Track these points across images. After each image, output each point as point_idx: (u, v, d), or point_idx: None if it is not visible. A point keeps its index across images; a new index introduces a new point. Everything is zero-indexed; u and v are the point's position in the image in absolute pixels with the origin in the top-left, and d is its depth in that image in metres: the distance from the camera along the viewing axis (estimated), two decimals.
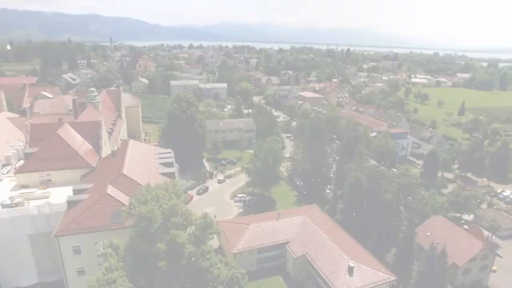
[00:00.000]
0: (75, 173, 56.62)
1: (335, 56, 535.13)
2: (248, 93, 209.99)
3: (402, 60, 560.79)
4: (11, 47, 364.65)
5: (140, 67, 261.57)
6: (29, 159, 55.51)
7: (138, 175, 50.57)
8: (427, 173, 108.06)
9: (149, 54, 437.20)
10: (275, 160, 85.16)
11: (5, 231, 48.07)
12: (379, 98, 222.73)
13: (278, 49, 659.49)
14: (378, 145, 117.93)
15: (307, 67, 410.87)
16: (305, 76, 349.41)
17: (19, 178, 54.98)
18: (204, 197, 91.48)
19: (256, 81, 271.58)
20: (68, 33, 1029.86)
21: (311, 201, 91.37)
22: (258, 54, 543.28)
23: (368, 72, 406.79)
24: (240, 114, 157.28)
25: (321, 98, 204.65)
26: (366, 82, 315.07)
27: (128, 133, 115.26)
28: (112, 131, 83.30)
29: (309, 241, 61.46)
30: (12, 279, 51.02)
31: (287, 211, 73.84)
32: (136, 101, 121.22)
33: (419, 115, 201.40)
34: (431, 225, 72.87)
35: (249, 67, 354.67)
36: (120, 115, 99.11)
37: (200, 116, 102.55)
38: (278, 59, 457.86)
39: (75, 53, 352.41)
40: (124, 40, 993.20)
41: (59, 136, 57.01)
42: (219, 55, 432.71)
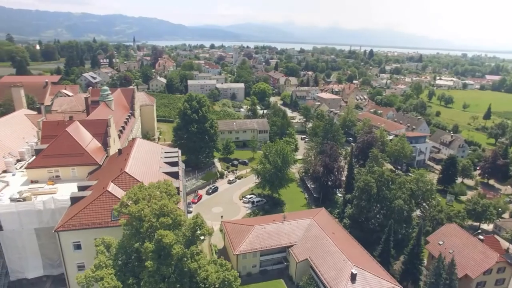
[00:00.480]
0: (82, 169, 57.81)
1: (358, 57, 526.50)
2: (265, 93, 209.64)
3: (427, 61, 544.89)
4: (40, 47, 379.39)
5: (159, 66, 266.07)
6: (39, 155, 57.13)
7: (141, 173, 51.02)
8: (445, 179, 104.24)
9: (170, 54, 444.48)
10: (285, 161, 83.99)
11: (13, 224, 49.52)
12: (399, 101, 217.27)
13: (300, 50, 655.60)
14: (394, 148, 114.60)
15: (328, 68, 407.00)
16: (325, 77, 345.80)
17: (29, 173, 56.66)
18: (213, 197, 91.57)
19: (275, 82, 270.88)
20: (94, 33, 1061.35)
21: (321, 204, 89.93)
22: (279, 55, 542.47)
23: (391, 73, 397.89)
24: (254, 114, 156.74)
25: (339, 100, 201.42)
26: (388, 84, 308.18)
27: (142, 132, 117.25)
28: (123, 129, 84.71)
29: (313, 245, 60.19)
30: (20, 270, 52.56)
31: (293, 213, 72.74)
32: (151, 100, 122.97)
33: (441, 119, 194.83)
34: (444, 234, 69.76)
35: (269, 67, 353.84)
36: (134, 114, 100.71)
37: (212, 116, 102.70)
38: (299, 60, 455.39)
39: (98, 52, 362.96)
40: (148, 40, 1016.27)
41: (68, 133, 58.39)
42: (239, 55, 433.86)
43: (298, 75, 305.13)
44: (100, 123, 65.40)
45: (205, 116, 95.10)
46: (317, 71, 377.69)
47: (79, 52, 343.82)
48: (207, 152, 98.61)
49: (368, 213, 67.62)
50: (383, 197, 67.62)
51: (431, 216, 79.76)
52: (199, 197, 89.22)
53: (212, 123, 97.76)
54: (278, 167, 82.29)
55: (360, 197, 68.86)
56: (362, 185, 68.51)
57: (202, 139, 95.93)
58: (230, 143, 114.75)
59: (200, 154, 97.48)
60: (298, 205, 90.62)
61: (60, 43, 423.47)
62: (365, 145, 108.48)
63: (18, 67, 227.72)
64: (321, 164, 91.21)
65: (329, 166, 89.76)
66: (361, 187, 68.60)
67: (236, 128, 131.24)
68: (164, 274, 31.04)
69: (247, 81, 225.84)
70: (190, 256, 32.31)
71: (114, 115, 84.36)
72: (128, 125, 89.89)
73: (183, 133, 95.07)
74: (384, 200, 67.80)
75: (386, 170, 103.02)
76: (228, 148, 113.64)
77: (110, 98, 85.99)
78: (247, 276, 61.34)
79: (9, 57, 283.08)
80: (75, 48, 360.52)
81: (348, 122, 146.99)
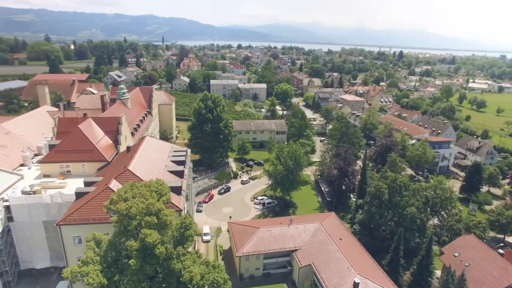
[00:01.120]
0: (92, 166, 59.40)
1: (386, 59, 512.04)
2: (287, 94, 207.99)
3: (461, 63, 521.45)
4: (74, 47, 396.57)
5: (184, 66, 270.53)
6: (52, 150, 59.24)
7: (144, 171, 51.62)
8: (468, 186, 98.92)
9: (197, 54, 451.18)
10: (297, 164, 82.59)
11: (23, 216, 51.65)
12: (427, 104, 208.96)
13: (327, 51, 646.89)
14: (415, 153, 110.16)
15: (355, 69, 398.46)
16: (351, 79, 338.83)
17: (42, 167, 58.92)
18: (225, 197, 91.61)
19: (298, 83, 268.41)
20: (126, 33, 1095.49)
21: (334, 208, 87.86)
22: (306, 56, 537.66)
23: (421, 76, 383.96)
24: (274, 115, 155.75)
25: (363, 102, 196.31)
26: (416, 87, 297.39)
27: (160, 130, 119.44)
28: (138, 127, 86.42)
29: (318, 251, 58.62)
30: (29, 261, 54.74)
31: (301, 217, 71.39)
32: (170, 99, 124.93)
33: (471, 123, 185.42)
34: (461, 245, 65.86)
35: (294, 68, 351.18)
36: (151, 112, 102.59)
37: (228, 115, 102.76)
38: (326, 61, 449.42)
39: (127, 51, 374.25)
40: (177, 40, 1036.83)
41: (80, 130, 60.20)
42: (264, 56, 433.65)
43: (323, 76, 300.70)
44: (112, 120, 66.96)
45: (219, 116, 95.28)
46: (343, 72, 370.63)
47: (109, 51, 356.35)
48: (220, 152, 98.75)
49: (379, 220, 65.09)
50: (395, 204, 64.86)
51: (448, 225, 75.83)
52: (211, 196, 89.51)
53: (226, 123, 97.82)
54: (289, 169, 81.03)
55: (371, 203, 66.45)
56: (373, 190, 66.08)
57: (216, 139, 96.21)
58: (246, 144, 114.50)
59: (214, 154, 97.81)
60: (310, 208, 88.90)
61: (93, 43, 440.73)
62: (383, 149, 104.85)
63: (51, 66, 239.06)
64: (335, 168, 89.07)
65: (343, 169, 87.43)
66: (372, 193, 66.18)
67: (253, 129, 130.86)
68: (148, 273, 30.98)
69: (270, 81, 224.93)
70: (175, 257, 32.09)
71: (129, 113, 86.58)
72: (143, 123, 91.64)
73: (197, 133, 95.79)
74: (396, 207, 65.03)
75: (405, 175, 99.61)
76: (243, 148, 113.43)
77: (126, 96, 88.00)
78: (249, 278, 60.76)
79: (45, 56, 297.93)
80: (105, 48, 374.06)
81: (369, 125, 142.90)
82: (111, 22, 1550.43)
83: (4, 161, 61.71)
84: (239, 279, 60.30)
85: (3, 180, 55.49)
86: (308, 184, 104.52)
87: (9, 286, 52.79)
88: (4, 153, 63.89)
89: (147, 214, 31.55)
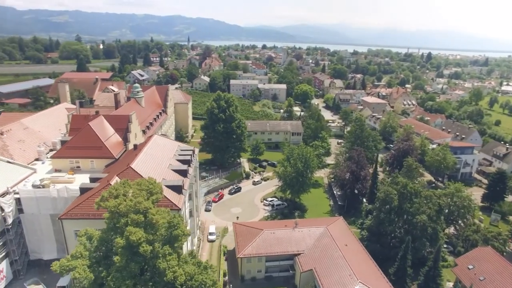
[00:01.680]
0: (100, 162, 60.76)
1: (414, 60, 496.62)
2: (307, 95, 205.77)
3: (494, 65, 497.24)
4: (103, 46, 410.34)
5: (206, 65, 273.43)
6: (63, 146, 61.19)
7: (147, 169, 52.16)
8: (491, 195, 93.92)
9: (221, 54, 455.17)
10: (307, 166, 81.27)
11: (32, 208, 53.67)
12: (453, 107, 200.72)
13: (353, 52, 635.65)
14: (435, 158, 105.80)
15: (379, 71, 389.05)
16: (376, 81, 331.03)
17: (53, 162, 60.94)
18: (234, 197, 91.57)
19: (320, 84, 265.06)
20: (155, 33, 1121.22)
21: (346, 213, 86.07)
22: (331, 57, 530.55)
23: (449, 78, 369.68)
24: (290, 116, 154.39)
25: (384, 104, 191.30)
26: (443, 89, 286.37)
27: (176, 128, 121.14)
28: (151, 125, 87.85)
29: (321, 256, 57.29)
30: (38, 251, 56.78)
31: (307, 220, 70.16)
32: (187, 98, 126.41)
33: (500, 129, 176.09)
34: (476, 257, 62.48)
35: (316, 69, 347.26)
36: (166, 111, 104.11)
37: (241, 116, 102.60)
38: (351, 62, 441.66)
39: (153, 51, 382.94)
40: (204, 40, 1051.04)
41: (90, 127, 61.77)
42: (287, 56, 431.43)
43: (346, 78, 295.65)
44: (122, 118, 68.28)
45: (232, 116, 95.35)
46: (367, 74, 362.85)
47: (135, 50, 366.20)
48: (232, 152, 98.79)
49: (388, 227, 62.81)
50: (404, 211, 62.38)
51: (464, 235, 72.26)
52: (220, 196, 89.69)
53: (239, 123, 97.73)
54: (299, 171, 79.84)
55: (380, 209, 64.27)
56: (382, 196, 63.89)
57: (229, 139, 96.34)
58: (260, 144, 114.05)
59: (225, 153, 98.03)
60: (321, 212, 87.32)
61: (120, 43, 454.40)
62: (400, 153, 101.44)
63: (78, 65, 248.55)
64: (347, 171, 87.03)
65: (355, 173, 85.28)
66: (382, 198, 63.99)
67: (269, 129, 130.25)
68: (133, 271, 31.18)
69: (290, 82, 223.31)
70: (161, 256, 32.13)
71: (143, 111, 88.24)
72: (157, 122, 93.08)
73: (209, 132, 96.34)
74: (406, 214, 62.54)
75: (422, 181, 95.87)
76: (257, 148, 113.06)
77: (140, 95, 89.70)
78: (251, 280, 60.31)
79: (75, 55, 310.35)
80: (132, 47, 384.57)
81: (388, 128, 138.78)
82: (141, 22, 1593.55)
83: (20, 155, 64.41)
84: (240, 281, 59.94)
85: (18, 173, 57.89)
86: (320, 186, 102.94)
87: (19, 274, 55.05)
88: (21, 148, 66.66)
89: (135, 212, 31.73)
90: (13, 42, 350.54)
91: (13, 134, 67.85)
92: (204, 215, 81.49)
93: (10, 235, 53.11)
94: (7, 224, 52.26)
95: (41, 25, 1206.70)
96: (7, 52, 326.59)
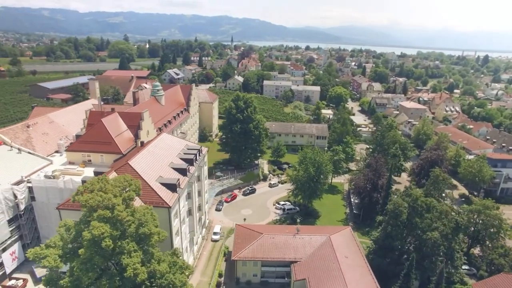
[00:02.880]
0: (109, 157, 63.22)
1: (467, 64, 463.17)
2: (341, 98, 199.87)
3: None
4: (148, 46, 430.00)
5: (242, 65, 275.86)
6: (77, 140, 64.64)
7: (145, 166, 53.35)
8: None
9: (262, 54, 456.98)
10: (319, 171, 78.71)
11: (42, 197, 57.49)
12: (504, 115, 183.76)
13: (400, 54, 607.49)
14: (469, 171, 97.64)
15: (426, 75, 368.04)
16: (421, 85, 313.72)
17: (68, 155, 64.53)
18: (248, 198, 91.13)
19: (358, 87, 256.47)
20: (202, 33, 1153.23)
21: (361, 222, 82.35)
22: (376, 59, 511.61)
23: (508, 83, 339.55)
24: (319, 118, 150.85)
25: (424, 110, 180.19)
26: (498, 95, 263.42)
27: (200, 127, 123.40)
28: (169, 123, 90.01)
29: (318, 266, 54.96)
30: (48, 237, 59.70)
31: (311, 227, 67.86)
32: (212, 98, 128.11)
33: None
34: (497, 285, 56.12)
35: (357, 71, 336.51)
36: (188, 109, 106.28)
37: (259, 116, 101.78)
38: (396, 65, 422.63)
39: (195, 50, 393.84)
40: (249, 40, 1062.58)
41: (102, 123, 64.57)
42: (328, 58, 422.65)
43: (387, 81, 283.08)
44: (135, 115, 70.60)
45: (250, 116, 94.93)
46: (412, 77, 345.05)
47: (178, 50, 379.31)
48: (249, 153, 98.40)
49: (395, 242, 58.79)
50: (415, 226, 58.02)
51: (489, 258, 65.69)
52: (233, 196, 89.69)
53: (257, 125, 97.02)
54: (310, 176, 77.54)
55: (389, 222, 60.28)
56: (391, 208, 59.90)
57: (246, 140, 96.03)
58: (282, 146, 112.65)
59: (242, 154, 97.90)
60: (334, 219, 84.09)
61: (166, 42, 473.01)
62: (427, 163, 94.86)
63: (120, 63, 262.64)
64: (365, 178, 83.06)
65: (372, 181, 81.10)
66: (391, 210, 60.05)
67: (293, 132, 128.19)
68: (97, 264, 31.93)
69: (325, 84, 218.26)
70: (126, 252, 32.59)
71: (161, 109, 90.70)
72: (176, 120, 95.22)
73: (227, 132, 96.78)
74: (416, 229, 58.14)
75: (449, 194, 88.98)
76: (278, 151, 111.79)
77: (160, 93, 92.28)
78: (246, 284, 59.58)
79: (121, 54, 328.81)
80: (175, 47, 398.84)
81: (422, 135, 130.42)
82: (189, 22, 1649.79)
83: (42, 147, 69.06)
84: (235, 283, 59.44)
85: (35, 164, 62.21)
86: (339, 193, 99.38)
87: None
88: (44, 140, 71.49)
89: (102, 208, 32.49)
90: (69, 42, 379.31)
91: (38, 127, 72.98)
92: (214, 215, 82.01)
93: (22, 220, 57.20)
94: (20, 210, 56.43)
95: (99, 26, 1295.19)
96: (64, 51, 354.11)
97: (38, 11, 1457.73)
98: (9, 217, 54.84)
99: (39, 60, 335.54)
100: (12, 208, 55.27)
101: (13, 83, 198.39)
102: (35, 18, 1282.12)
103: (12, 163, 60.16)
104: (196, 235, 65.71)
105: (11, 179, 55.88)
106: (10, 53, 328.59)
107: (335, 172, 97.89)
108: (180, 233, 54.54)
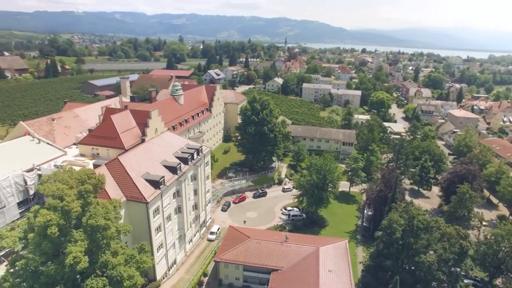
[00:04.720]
0: (114, 151, 66.92)
1: None
2: (383, 103, 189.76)
3: None
4: (202, 46, 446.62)
5: (286, 67, 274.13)
6: (88, 134, 69.66)
7: (134, 162, 55.90)
8: None
9: (314, 56, 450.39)
10: (325, 179, 75.76)
11: None
12: None
13: (466, 58, 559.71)
14: (508, 190, 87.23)
15: (494, 81, 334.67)
16: (485, 92, 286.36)
17: (80, 148, 69.76)
18: (257, 201, 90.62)
19: (406, 92, 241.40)
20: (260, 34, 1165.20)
21: (369, 236, 77.63)
22: (438, 63, 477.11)
23: None
24: (349, 124, 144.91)
25: (475, 120, 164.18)
26: None
27: (225, 127, 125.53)
28: (186, 122, 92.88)
29: (297, 278, 53.04)
30: None
31: (303, 237, 65.29)
32: (239, 99, 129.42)
33: None
34: None
35: (409, 76, 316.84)
36: (210, 110, 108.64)
37: (276, 120, 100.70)
38: (460, 70, 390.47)
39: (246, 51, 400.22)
40: (307, 42, 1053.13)
41: (111, 119, 68.84)
42: (381, 61, 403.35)
43: (441, 87, 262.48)
44: (144, 113, 74.03)
45: (265, 119, 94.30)
46: (475, 83, 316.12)
47: (230, 50, 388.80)
48: (263, 156, 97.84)
49: (386, 261, 54.53)
50: (409, 247, 53.40)
51: None
52: (242, 198, 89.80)
53: (273, 128, 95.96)
54: (313, 183, 74.99)
55: (382, 239, 56.27)
56: (385, 224, 55.82)
57: (261, 142, 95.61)
58: (302, 151, 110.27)
59: (256, 156, 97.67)
60: (342, 231, 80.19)
61: (219, 43, 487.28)
62: (457, 178, 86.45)
63: (168, 62, 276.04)
64: (376, 190, 78.28)
65: (384, 193, 76.08)
66: (385, 226, 55.97)
67: (318, 136, 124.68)
68: (46, 250, 34.32)
69: (367, 88, 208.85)
70: (74, 241, 34.62)
71: (179, 109, 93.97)
72: (195, 119, 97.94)
73: (242, 133, 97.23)
74: (411, 250, 53.45)
75: (478, 214, 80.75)
76: (298, 155, 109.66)
77: (179, 93, 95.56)
78: (228, 286, 59.43)
79: (173, 54, 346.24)
80: (228, 47, 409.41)
81: (462, 147, 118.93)
82: (248, 24, 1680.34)
83: (62, 139, 75.54)
84: (218, 284, 59.68)
85: (51, 154, 68.22)
86: (356, 203, 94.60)
87: None
88: (65, 133, 78.10)
89: (53, 198, 34.86)
90: (130, 43, 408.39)
91: (62, 120, 79.87)
92: (218, 215, 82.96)
93: (32, 204, 63.03)
94: (30, 195, 62.42)
95: (163, 27, 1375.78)
96: (124, 51, 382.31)
97: (111, 14, 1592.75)
98: (18, 200, 60.88)
99: (102, 59, 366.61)
100: (22, 192, 61.25)
101: (72, 80, 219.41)
102: (109, 21, 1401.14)
103: (30, 152, 66.48)
104: (189, 233, 67.02)
105: (24, 166, 62.08)
106: (80, 53, 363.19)
107: (351, 181, 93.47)
108: (163, 229, 56.10)
